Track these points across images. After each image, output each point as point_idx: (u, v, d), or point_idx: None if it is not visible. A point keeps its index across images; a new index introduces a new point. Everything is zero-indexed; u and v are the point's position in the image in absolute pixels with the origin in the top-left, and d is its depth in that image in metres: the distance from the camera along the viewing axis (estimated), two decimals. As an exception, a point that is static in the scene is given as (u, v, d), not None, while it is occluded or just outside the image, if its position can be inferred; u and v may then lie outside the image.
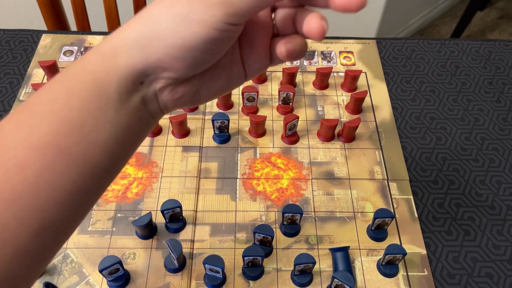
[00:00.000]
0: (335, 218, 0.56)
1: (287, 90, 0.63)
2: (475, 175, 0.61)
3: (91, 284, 0.50)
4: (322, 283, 0.50)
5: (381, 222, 0.53)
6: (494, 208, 0.58)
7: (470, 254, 0.54)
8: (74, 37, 0.75)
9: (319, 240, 0.54)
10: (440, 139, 0.64)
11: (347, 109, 0.66)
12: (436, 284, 0.51)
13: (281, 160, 0.61)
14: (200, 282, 0.50)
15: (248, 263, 0.50)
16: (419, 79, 0.71)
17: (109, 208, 0.56)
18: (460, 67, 0.73)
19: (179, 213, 0.53)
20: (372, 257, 0.53)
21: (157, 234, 0.54)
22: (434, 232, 0.55)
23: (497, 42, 0.77)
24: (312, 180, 0.59)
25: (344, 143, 0.63)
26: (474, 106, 0.68)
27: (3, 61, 0.71)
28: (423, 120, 0.66)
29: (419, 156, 0.62)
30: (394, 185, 0.59)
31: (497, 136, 0.65)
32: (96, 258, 0.51)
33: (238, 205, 0.56)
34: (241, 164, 0.60)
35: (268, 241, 0.51)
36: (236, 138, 0.63)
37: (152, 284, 0.50)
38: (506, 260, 0.53)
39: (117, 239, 0.53)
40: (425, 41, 0.77)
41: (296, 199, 0.57)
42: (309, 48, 0.75)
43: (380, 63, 0.73)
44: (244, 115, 0.66)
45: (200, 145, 0.62)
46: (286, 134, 0.62)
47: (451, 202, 0.58)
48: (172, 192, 0.57)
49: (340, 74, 0.71)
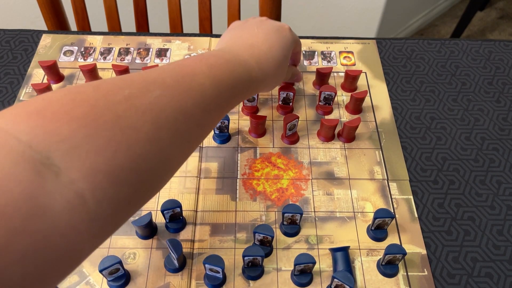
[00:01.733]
0: (335, 218, 0.56)
1: (287, 90, 0.63)
2: (475, 175, 0.61)
3: (91, 284, 0.50)
4: (322, 283, 0.51)
5: (381, 222, 0.53)
6: (494, 208, 0.58)
7: (470, 254, 0.54)
8: (74, 37, 0.75)
9: (319, 240, 0.54)
10: (440, 139, 0.64)
11: (347, 109, 0.66)
12: (436, 284, 0.51)
13: (281, 160, 0.61)
14: (200, 282, 0.50)
15: (248, 263, 0.50)
16: (419, 79, 0.71)
17: (109, 208, 0.56)
18: (460, 67, 0.73)
19: (179, 213, 0.53)
20: (372, 257, 0.53)
21: (157, 234, 0.54)
22: (434, 232, 0.55)
23: (497, 42, 0.77)
24: (312, 180, 0.59)
25: (344, 143, 0.63)
26: (474, 106, 0.68)
27: (3, 61, 0.71)
28: (423, 120, 0.66)
29: (419, 156, 0.62)
30: (394, 185, 0.59)
31: (497, 136, 0.65)
32: (96, 258, 0.51)
33: (238, 205, 0.56)
34: (241, 164, 0.60)
35: (268, 241, 0.51)
36: (236, 138, 0.63)
37: (152, 284, 0.50)
38: (506, 260, 0.53)
39: (117, 239, 0.53)
40: (425, 41, 0.77)
41: (296, 199, 0.57)
42: (309, 48, 0.75)
43: (380, 63, 0.73)
44: (244, 115, 0.66)
45: (200, 145, 0.62)
46: (286, 134, 0.62)
47: (451, 202, 0.58)
48: (172, 192, 0.57)
49: (340, 74, 0.71)
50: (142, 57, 0.73)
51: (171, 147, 0.35)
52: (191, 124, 0.38)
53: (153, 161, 0.33)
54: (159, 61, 0.72)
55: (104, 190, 0.29)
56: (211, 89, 0.40)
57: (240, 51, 0.48)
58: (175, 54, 0.73)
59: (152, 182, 0.35)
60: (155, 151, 0.33)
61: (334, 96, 0.64)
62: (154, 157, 0.33)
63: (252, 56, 0.49)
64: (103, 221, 0.30)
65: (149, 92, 0.35)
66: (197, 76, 0.40)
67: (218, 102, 0.41)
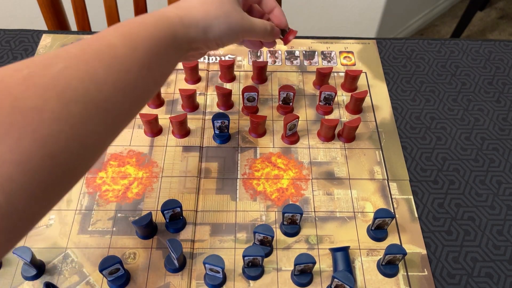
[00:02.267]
0: (335, 218, 0.56)
1: (287, 90, 0.63)
2: (475, 175, 0.61)
3: (91, 284, 0.50)
4: (322, 283, 0.51)
5: (381, 222, 0.53)
6: (494, 208, 0.58)
7: (470, 254, 0.54)
8: (74, 37, 0.75)
9: (319, 240, 0.54)
10: (440, 139, 0.64)
11: (347, 109, 0.66)
12: (436, 284, 0.51)
13: (281, 160, 0.61)
14: (200, 282, 0.50)
15: (248, 263, 0.50)
16: (419, 79, 0.71)
17: (109, 208, 0.56)
18: (460, 67, 0.73)
19: (179, 213, 0.53)
20: (372, 257, 0.53)
21: (157, 234, 0.54)
22: (434, 232, 0.55)
23: (497, 42, 0.77)
24: (312, 180, 0.59)
25: (344, 143, 0.63)
26: (474, 106, 0.68)
27: (4, 61, 0.71)
28: (423, 120, 0.66)
29: (419, 156, 0.62)
30: (394, 185, 0.59)
31: (497, 136, 0.65)
32: (96, 258, 0.51)
33: (238, 205, 0.56)
34: (241, 164, 0.60)
35: (268, 241, 0.51)
36: (236, 138, 0.63)
37: (152, 284, 0.50)
38: (506, 260, 0.53)
39: (117, 239, 0.53)
40: (425, 41, 0.77)
41: (296, 199, 0.57)
42: (309, 48, 0.75)
43: (380, 63, 0.73)
44: (244, 115, 0.66)
45: (200, 145, 0.62)
46: (286, 134, 0.62)
47: (451, 202, 0.58)
48: (172, 192, 0.57)
49: (340, 74, 0.71)
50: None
51: (86, 122, 0.32)
52: (108, 92, 0.34)
53: (65, 141, 0.30)
54: (159, 61, 0.72)
55: (13, 181, 0.27)
56: (123, 48, 0.36)
57: (165, 8, 0.44)
58: (175, 54, 0.73)
59: (70, 163, 0.32)
60: (66, 130, 0.30)
61: (334, 96, 0.64)
62: (65, 136, 0.30)
63: (178, 8, 0.44)
64: (16, 216, 0.28)
65: (51, 67, 0.32)
66: (105, 38, 0.36)
67: (138, 61, 0.37)
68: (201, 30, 0.45)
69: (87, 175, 0.58)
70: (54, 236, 0.53)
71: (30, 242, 0.53)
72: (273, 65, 0.72)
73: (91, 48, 0.35)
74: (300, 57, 0.73)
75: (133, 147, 0.61)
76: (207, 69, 0.71)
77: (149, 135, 0.63)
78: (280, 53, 0.74)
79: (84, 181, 0.58)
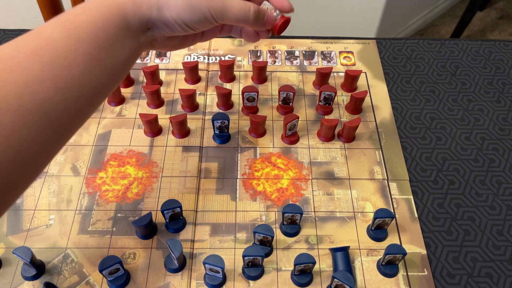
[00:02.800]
0: (335, 218, 0.56)
1: (287, 90, 0.63)
2: (475, 175, 0.61)
3: (91, 284, 0.50)
4: (322, 283, 0.51)
5: (381, 222, 0.53)
6: (494, 208, 0.58)
7: (470, 254, 0.54)
8: (74, 37, 0.74)
9: (319, 240, 0.54)
10: (440, 139, 0.64)
11: (347, 109, 0.66)
12: (436, 284, 0.51)
13: (281, 160, 0.61)
14: (200, 282, 0.50)
15: (248, 263, 0.50)
16: (419, 79, 0.71)
17: (109, 208, 0.56)
18: (460, 67, 0.73)
19: (179, 213, 0.53)
20: (372, 257, 0.53)
21: (157, 234, 0.54)
22: (434, 232, 0.55)
23: (497, 42, 0.77)
24: (312, 180, 0.59)
25: (344, 143, 0.63)
26: (474, 106, 0.68)
27: (3, 61, 0.71)
28: (423, 120, 0.66)
29: (419, 156, 0.62)
30: (394, 185, 0.59)
31: (497, 136, 0.65)
32: (96, 258, 0.51)
33: (238, 205, 0.56)
34: (241, 164, 0.60)
35: (268, 241, 0.51)
36: (236, 138, 0.63)
37: (152, 284, 0.50)
38: (506, 260, 0.53)
39: (117, 239, 0.53)
40: (425, 41, 0.77)
41: (296, 199, 0.57)
42: (309, 48, 0.75)
43: (380, 63, 0.73)
44: (244, 115, 0.66)
45: (200, 145, 0.62)
46: (286, 134, 0.62)
47: (451, 202, 0.58)
48: (172, 192, 0.57)
49: (340, 74, 0.71)
50: (142, 57, 0.72)
51: (20, 131, 0.30)
52: (47, 93, 0.31)
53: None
54: (159, 61, 0.72)
55: None
56: (64, 40, 0.33)
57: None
58: (175, 54, 0.73)
59: (8, 175, 0.30)
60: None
61: (334, 96, 0.64)
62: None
63: None
64: None
65: None
66: (43, 31, 0.33)
67: (83, 52, 0.33)
68: (155, 6, 0.39)
69: (87, 175, 0.58)
70: (54, 236, 0.53)
71: (30, 242, 0.53)
72: (273, 65, 0.72)
73: (28, 46, 0.32)
74: (300, 57, 0.73)
75: (133, 147, 0.61)
76: (207, 69, 0.71)
77: (149, 135, 0.63)
78: (280, 53, 0.74)
79: (84, 181, 0.58)
